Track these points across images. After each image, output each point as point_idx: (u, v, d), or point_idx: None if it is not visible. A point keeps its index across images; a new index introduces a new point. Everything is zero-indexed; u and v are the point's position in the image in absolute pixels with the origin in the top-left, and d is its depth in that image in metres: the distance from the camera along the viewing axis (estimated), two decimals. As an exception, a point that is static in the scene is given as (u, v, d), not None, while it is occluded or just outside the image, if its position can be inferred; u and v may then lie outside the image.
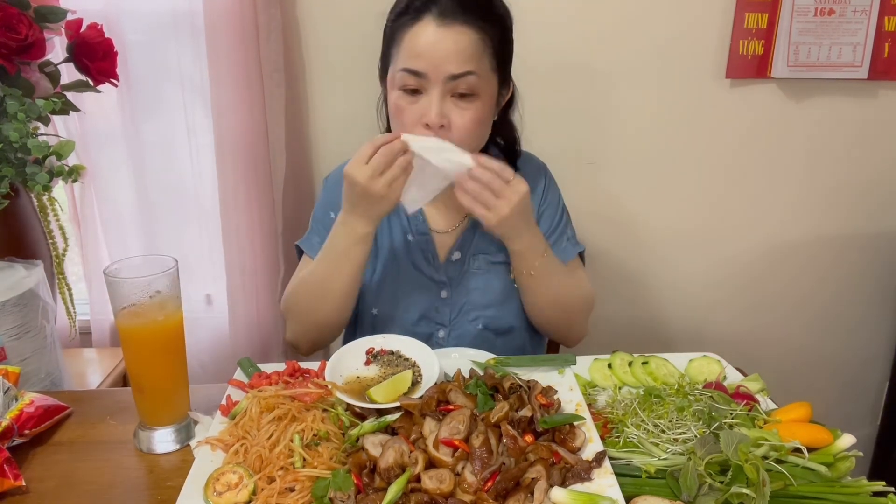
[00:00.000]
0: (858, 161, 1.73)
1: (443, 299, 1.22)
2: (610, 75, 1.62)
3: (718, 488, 0.73)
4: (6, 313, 1.03)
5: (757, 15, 1.58)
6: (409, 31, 1.04)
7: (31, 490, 0.80)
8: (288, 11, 1.51)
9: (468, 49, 1.03)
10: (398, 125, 1.09)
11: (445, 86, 1.04)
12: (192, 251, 1.66)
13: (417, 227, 1.23)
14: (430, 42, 1.02)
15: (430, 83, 1.04)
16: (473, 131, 1.08)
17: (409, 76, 1.04)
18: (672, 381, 0.97)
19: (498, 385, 0.88)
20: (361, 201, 1.04)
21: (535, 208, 1.26)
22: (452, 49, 1.02)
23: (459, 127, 1.06)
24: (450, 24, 1.02)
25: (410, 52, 1.04)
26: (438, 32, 1.02)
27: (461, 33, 1.02)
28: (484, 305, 1.21)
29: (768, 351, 1.89)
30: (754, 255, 1.81)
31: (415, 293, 1.21)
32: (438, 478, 0.72)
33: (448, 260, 1.22)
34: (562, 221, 1.29)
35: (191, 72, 1.54)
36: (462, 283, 1.22)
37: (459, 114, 1.06)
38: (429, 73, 1.03)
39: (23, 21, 1.07)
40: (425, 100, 1.05)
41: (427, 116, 1.04)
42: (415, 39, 1.03)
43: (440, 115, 1.04)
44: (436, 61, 1.02)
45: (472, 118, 1.06)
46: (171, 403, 0.89)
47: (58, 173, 1.14)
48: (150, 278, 0.82)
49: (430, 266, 1.22)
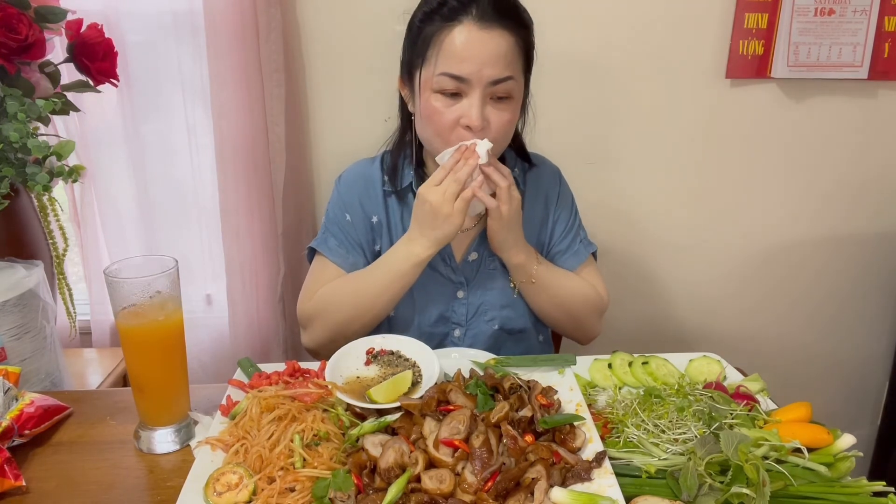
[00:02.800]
0: (858, 161, 1.73)
1: (459, 299, 1.22)
2: (610, 75, 1.62)
3: (718, 488, 0.73)
4: (6, 313, 1.03)
5: (757, 15, 1.58)
6: (448, 34, 1.04)
7: (32, 490, 0.80)
8: (288, 11, 1.50)
9: (508, 54, 1.04)
10: (434, 127, 1.09)
11: (486, 90, 1.04)
12: (192, 251, 1.66)
13: None
14: (472, 46, 1.02)
15: (471, 87, 1.04)
16: (508, 132, 1.11)
17: (450, 80, 1.04)
18: (672, 381, 0.98)
19: (498, 385, 0.88)
20: (429, 221, 1.06)
21: (551, 212, 1.27)
22: (494, 53, 1.03)
23: (497, 128, 1.07)
24: (489, 27, 1.03)
25: (452, 56, 1.03)
26: (480, 36, 1.02)
27: (500, 37, 1.03)
28: (501, 306, 1.22)
29: (768, 351, 1.89)
30: (754, 255, 1.81)
31: (432, 295, 1.21)
32: (438, 478, 0.72)
33: (465, 260, 1.22)
34: (576, 223, 1.30)
35: (191, 72, 1.54)
36: (479, 284, 1.22)
37: (497, 115, 1.07)
38: (472, 77, 1.03)
39: (23, 21, 1.07)
40: (465, 102, 1.05)
41: (469, 119, 1.05)
42: (455, 43, 1.03)
43: (482, 117, 1.05)
44: (479, 66, 1.02)
45: (508, 119, 1.09)
46: (171, 403, 0.89)
47: (58, 173, 1.14)
48: (150, 278, 0.82)
49: (447, 266, 1.21)
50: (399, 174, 1.22)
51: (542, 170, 1.29)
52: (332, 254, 1.22)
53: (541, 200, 1.27)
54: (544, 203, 1.27)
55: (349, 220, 1.22)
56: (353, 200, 1.23)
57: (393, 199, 1.23)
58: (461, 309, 1.22)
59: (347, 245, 1.22)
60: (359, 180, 1.25)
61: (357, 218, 1.23)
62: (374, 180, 1.24)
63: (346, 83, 1.59)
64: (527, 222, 1.21)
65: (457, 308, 1.22)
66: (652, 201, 1.74)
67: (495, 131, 1.07)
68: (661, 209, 1.75)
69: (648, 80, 1.63)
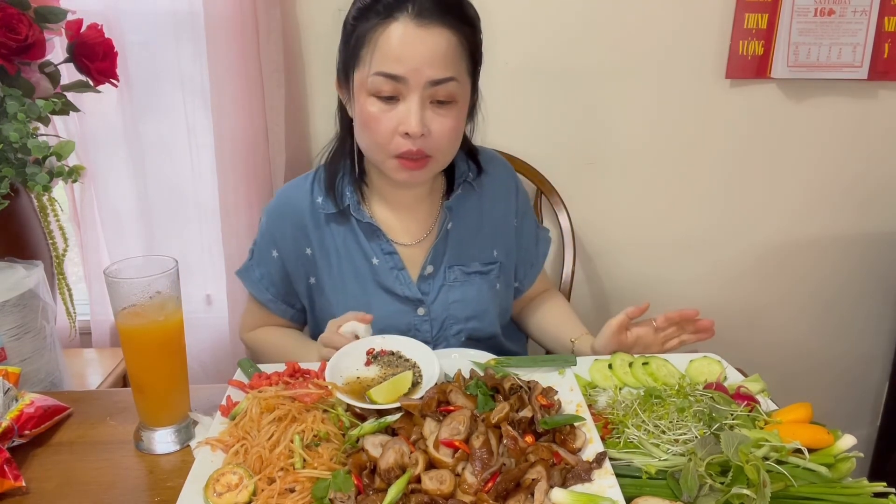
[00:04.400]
0: (858, 161, 1.73)
1: (421, 317, 1.16)
2: (610, 76, 1.62)
3: (719, 489, 0.73)
4: (6, 313, 1.03)
5: (757, 15, 1.58)
6: (383, 32, 0.97)
7: (32, 490, 0.80)
8: (288, 12, 1.50)
9: (448, 52, 0.98)
10: (371, 134, 1.03)
11: (425, 92, 0.98)
12: (192, 251, 1.66)
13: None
14: (409, 44, 0.96)
15: (408, 89, 0.98)
16: (452, 139, 1.05)
17: (385, 81, 0.98)
18: (672, 381, 0.97)
19: (498, 386, 0.88)
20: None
21: (514, 211, 1.23)
22: (433, 52, 0.97)
23: (439, 136, 1.02)
24: (427, 24, 0.96)
25: (387, 55, 0.97)
26: (418, 34, 0.96)
27: (440, 35, 0.97)
28: (466, 318, 1.17)
29: (769, 351, 1.89)
30: (754, 256, 1.81)
31: (391, 317, 1.14)
32: (439, 478, 0.72)
33: (420, 276, 1.16)
34: (535, 229, 1.29)
35: (191, 72, 1.54)
36: (440, 298, 1.17)
37: (439, 122, 1.01)
38: (409, 77, 0.97)
39: (23, 21, 1.07)
40: (403, 107, 0.99)
41: (407, 125, 0.99)
42: (390, 41, 0.97)
43: (421, 123, 0.99)
44: (416, 65, 0.96)
45: (451, 126, 1.02)
46: (172, 404, 0.89)
47: (58, 174, 1.14)
48: (151, 279, 0.82)
49: (402, 285, 1.15)
50: (337, 192, 1.14)
51: (496, 170, 1.23)
52: (255, 288, 1.21)
53: (500, 202, 1.23)
54: (504, 206, 1.23)
55: (275, 256, 1.18)
56: (282, 235, 1.17)
57: (333, 223, 1.16)
58: (424, 326, 1.16)
59: (267, 282, 1.21)
60: (287, 212, 1.17)
61: (286, 252, 1.18)
62: (304, 208, 1.16)
63: (347, 83, 1.59)
64: (488, 225, 1.20)
65: (420, 326, 1.16)
66: (651, 201, 1.74)
67: (437, 139, 1.01)
68: (660, 209, 1.75)
69: (648, 80, 1.63)
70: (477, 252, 1.20)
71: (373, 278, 1.16)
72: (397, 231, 1.18)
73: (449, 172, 1.20)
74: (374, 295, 1.16)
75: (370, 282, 1.16)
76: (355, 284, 1.16)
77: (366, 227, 1.16)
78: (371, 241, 1.16)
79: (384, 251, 1.16)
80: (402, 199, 1.18)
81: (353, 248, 1.16)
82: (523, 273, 1.30)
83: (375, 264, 1.16)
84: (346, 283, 1.16)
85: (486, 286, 1.19)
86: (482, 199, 1.21)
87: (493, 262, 1.21)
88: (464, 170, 1.19)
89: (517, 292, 1.31)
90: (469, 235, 1.19)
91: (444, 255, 1.17)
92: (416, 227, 1.19)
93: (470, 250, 1.19)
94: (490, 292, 1.20)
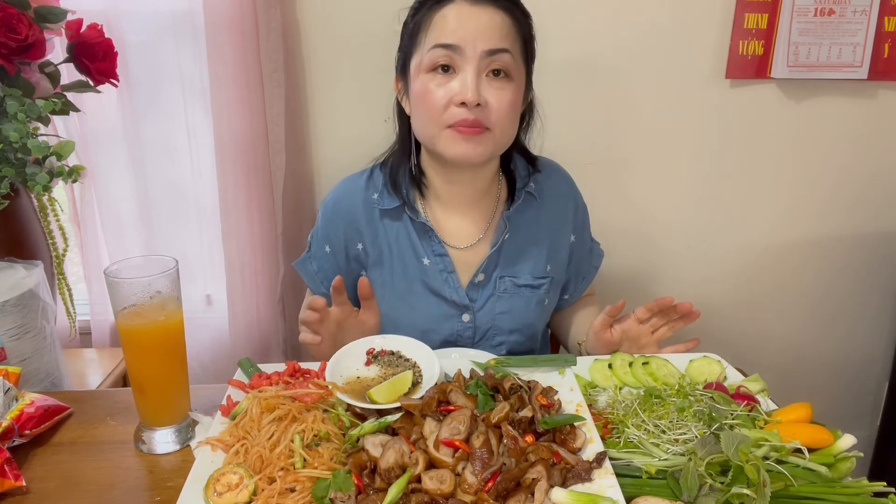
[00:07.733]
0: (858, 161, 1.73)
1: (465, 323, 1.16)
2: (610, 76, 1.62)
3: (719, 489, 0.73)
4: (6, 313, 1.03)
5: (757, 15, 1.58)
6: (438, 13, 1.01)
7: (32, 490, 0.80)
8: (288, 11, 1.50)
9: (503, 28, 1.01)
10: (426, 109, 1.03)
11: (481, 63, 1.00)
12: (192, 251, 1.66)
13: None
14: (464, 17, 1.00)
15: (464, 60, 1.00)
16: (509, 115, 1.04)
17: (441, 53, 1.00)
18: (672, 381, 0.97)
19: (498, 385, 0.88)
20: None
21: (571, 226, 1.22)
22: (488, 24, 0.99)
23: (496, 108, 1.01)
24: (482, 4, 1.00)
25: (443, 29, 1.00)
26: (472, 10, 1.00)
27: (494, 12, 1.01)
28: (510, 330, 1.17)
29: (769, 351, 1.89)
30: (754, 255, 1.81)
31: (435, 321, 1.14)
32: (439, 478, 0.72)
33: (471, 283, 1.15)
34: (590, 234, 1.29)
35: (191, 72, 1.54)
36: (486, 307, 1.16)
37: (496, 94, 1.01)
38: (464, 46, 0.99)
39: (23, 21, 1.07)
40: (459, 78, 1.00)
41: (463, 94, 0.99)
42: (446, 18, 1.01)
43: (476, 91, 0.99)
44: (472, 35, 0.99)
45: (509, 99, 1.02)
46: (172, 404, 0.89)
47: (58, 173, 1.14)
48: (151, 279, 0.82)
49: (450, 289, 1.15)
50: (401, 187, 1.16)
51: (557, 182, 1.23)
52: (311, 279, 1.21)
53: (558, 215, 1.22)
54: (562, 220, 1.22)
55: (328, 251, 1.19)
56: (335, 231, 1.17)
57: (387, 219, 1.16)
58: (467, 332, 1.16)
59: (322, 276, 1.21)
60: (341, 208, 1.18)
61: (337, 248, 1.18)
62: (357, 203, 1.17)
63: (346, 83, 1.59)
64: (545, 239, 1.18)
65: (462, 332, 1.16)
66: (651, 201, 1.74)
67: (495, 112, 1.01)
68: (660, 209, 1.75)
69: (648, 80, 1.63)
70: (530, 265, 1.18)
71: (421, 278, 1.15)
72: (450, 233, 1.17)
73: (509, 179, 1.20)
74: (421, 296, 1.15)
75: (417, 282, 1.15)
76: (403, 282, 1.16)
77: (419, 227, 1.15)
78: (423, 241, 1.15)
79: (435, 252, 1.15)
80: (459, 198, 1.16)
81: (404, 245, 1.16)
82: (573, 287, 1.29)
83: (426, 265, 1.15)
84: (394, 279, 1.16)
85: (535, 301, 1.18)
86: (541, 212, 1.19)
87: (545, 276, 1.19)
88: (524, 176, 1.19)
89: (564, 302, 1.30)
90: (524, 246, 1.18)
91: (497, 265, 1.16)
92: (470, 229, 1.17)
93: (524, 262, 1.17)
94: (538, 307, 1.18)
